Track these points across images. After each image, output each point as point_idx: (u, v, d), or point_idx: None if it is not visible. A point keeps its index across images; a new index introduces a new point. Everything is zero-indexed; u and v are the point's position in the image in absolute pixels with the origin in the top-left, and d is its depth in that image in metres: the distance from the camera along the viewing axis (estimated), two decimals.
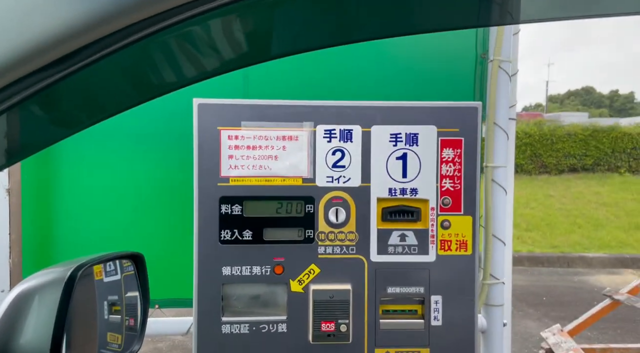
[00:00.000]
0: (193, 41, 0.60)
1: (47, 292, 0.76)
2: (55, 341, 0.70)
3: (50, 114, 0.63)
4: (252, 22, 0.61)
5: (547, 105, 42.22)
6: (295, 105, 1.46)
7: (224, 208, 1.44)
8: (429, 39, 2.08)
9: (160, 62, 0.63)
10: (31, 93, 0.53)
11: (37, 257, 1.92)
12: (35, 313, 0.74)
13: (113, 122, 1.93)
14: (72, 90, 0.58)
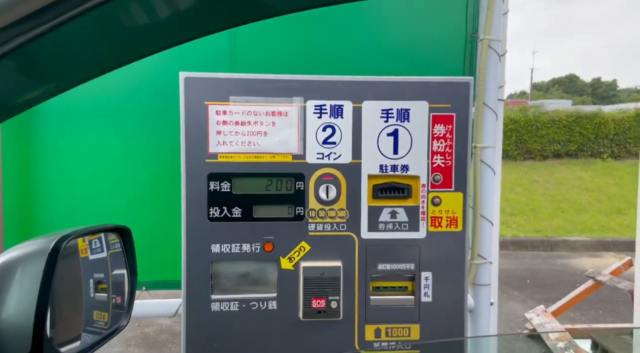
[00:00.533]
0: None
1: (30, 263, 0.73)
2: (38, 315, 0.67)
3: (25, 73, 0.60)
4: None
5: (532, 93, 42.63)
6: (285, 79, 1.43)
7: (212, 185, 1.42)
8: (419, 19, 2.06)
9: (141, 19, 0.59)
10: (6, 50, 0.50)
11: (20, 236, 1.87)
12: (17, 286, 0.71)
13: (97, 96, 1.88)
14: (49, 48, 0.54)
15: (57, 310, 0.79)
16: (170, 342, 3.90)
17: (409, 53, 2.03)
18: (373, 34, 2.02)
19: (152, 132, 1.84)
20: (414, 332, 1.49)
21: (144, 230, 1.70)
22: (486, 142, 2.05)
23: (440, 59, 2.06)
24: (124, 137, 1.85)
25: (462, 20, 2.09)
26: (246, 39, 1.86)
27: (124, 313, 1.01)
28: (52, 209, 1.88)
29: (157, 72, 1.82)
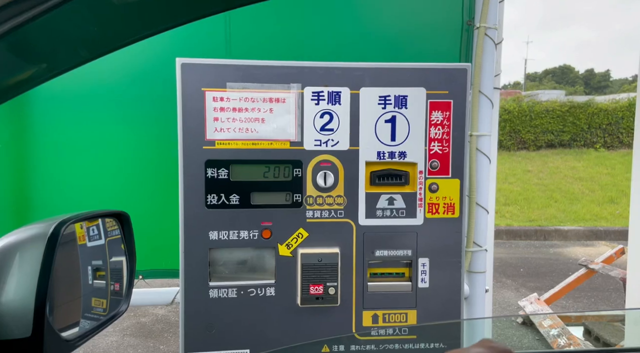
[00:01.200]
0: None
1: (29, 248, 0.72)
2: (38, 300, 0.67)
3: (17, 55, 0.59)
4: None
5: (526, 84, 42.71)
6: (282, 66, 1.42)
7: (210, 172, 1.41)
8: (415, 6, 2.05)
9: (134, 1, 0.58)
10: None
11: (15, 225, 1.86)
12: (16, 271, 0.71)
13: (93, 83, 1.86)
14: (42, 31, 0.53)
15: (55, 296, 0.78)
16: (166, 331, 3.91)
17: (406, 40, 2.02)
18: (370, 21, 2.00)
19: (148, 118, 1.83)
20: (411, 318, 1.50)
21: (140, 219, 1.70)
22: (482, 130, 2.05)
23: (437, 46, 2.05)
24: (119, 124, 1.84)
25: (458, 8, 2.08)
26: (241, 26, 1.84)
27: (122, 299, 1.01)
28: (46, 197, 1.86)
29: (153, 59, 1.80)
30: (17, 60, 0.58)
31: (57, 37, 0.58)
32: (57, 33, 0.57)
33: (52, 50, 0.60)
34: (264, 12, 1.85)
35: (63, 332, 0.77)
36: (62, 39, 0.58)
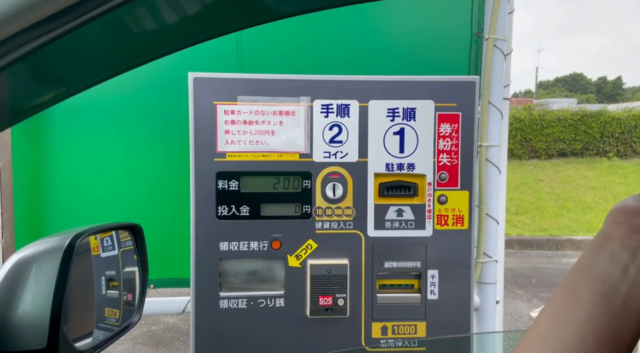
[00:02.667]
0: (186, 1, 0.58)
1: (45, 260, 0.74)
2: (54, 312, 0.69)
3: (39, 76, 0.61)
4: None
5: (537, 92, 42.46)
6: (292, 79, 1.44)
7: (220, 184, 1.43)
8: (424, 18, 2.07)
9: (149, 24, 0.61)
10: (20, 55, 0.52)
11: (30, 236, 1.89)
12: (33, 283, 0.72)
13: (106, 96, 1.90)
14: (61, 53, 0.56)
15: (70, 307, 0.80)
16: (177, 340, 3.93)
17: (415, 53, 2.04)
18: (379, 33, 2.03)
19: (160, 131, 1.86)
20: (421, 330, 1.50)
21: (152, 229, 1.72)
22: (491, 141, 2.06)
23: (446, 58, 2.07)
24: (133, 137, 1.88)
25: (467, 20, 2.10)
26: (253, 39, 1.88)
27: (134, 310, 1.03)
28: (61, 208, 1.90)
29: (165, 72, 1.84)
30: (38, 84, 0.60)
31: (76, 61, 0.60)
32: (77, 56, 0.59)
33: (71, 74, 0.62)
34: (274, 26, 1.88)
35: (77, 342, 0.79)
36: (81, 62, 0.61)
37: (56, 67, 0.59)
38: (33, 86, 0.61)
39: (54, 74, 0.60)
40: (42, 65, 0.57)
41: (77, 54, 0.58)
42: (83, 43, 0.56)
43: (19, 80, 0.59)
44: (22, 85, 0.59)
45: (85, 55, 0.59)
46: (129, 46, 0.62)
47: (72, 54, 0.57)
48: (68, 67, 0.61)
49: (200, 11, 0.62)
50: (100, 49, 0.60)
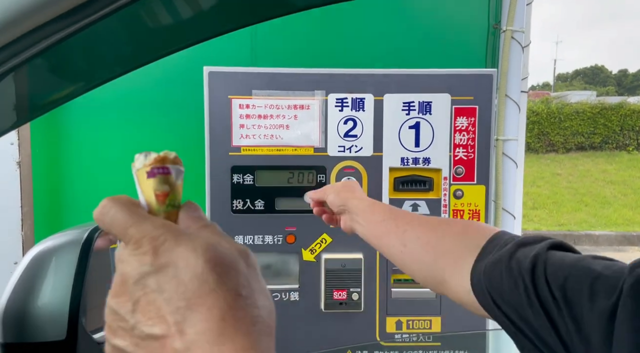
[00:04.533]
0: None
1: (64, 253, 0.75)
2: (73, 304, 0.70)
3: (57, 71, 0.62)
4: None
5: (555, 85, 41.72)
6: (306, 73, 1.44)
7: (235, 178, 1.44)
8: (440, 10, 2.04)
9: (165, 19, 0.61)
10: (38, 50, 0.52)
11: (50, 229, 1.93)
12: (52, 276, 0.74)
13: (122, 90, 1.91)
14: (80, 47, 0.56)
15: (88, 299, 0.81)
16: None
17: (431, 45, 2.02)
18: (394, 26, 2.00)
19: (176, 125, 1.87)
20: (435, 325, 1.49)
21: None
22: (508, 135, 2.03)
23: (463, 50, 2.04)
24: (149, 131, 1.89)
25: (484, 12, 2.06)
26: (267, 32, 1.87)
27: None
28: (79, 201, 1.93)
29: (179, 65, 1.84)
30: (57, 79, 0.61)
31: (94, 56, 0.61)
32: (95, 51, 0.59)
33: (89, 68, 0.63)
34: (289, 19, 1.87)
35: (95, 333, 0.80)
36: (98, 57, 0.61)
37: (74, 62, 0.59)
38: (51, 81, 0.61)
39: (72, 68, 0.61)
40: (60, 60, 0.58)
41: (94, 49, 0.58)
42: (100, 38, 0.56)
43: (38, 75, 0.59)
44: (41, 80, 0.60)
45: (102, 50, 0.59)
46: (145, 41, 0.62)
47: (90, 49, 0.57)
48: (86, 62, 0.61)
49: (215, 5, 0.62)
50: (117, 44, 0.61)
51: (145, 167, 0.37)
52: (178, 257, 0.32)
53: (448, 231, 0.75)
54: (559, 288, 0.52)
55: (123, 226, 0.34)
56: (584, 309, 0.49)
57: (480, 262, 0.64)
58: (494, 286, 0.59)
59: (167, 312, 0.31)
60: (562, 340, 0.51)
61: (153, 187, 0.37)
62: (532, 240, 0.60)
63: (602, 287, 0.48)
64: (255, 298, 0.33)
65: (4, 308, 0.65)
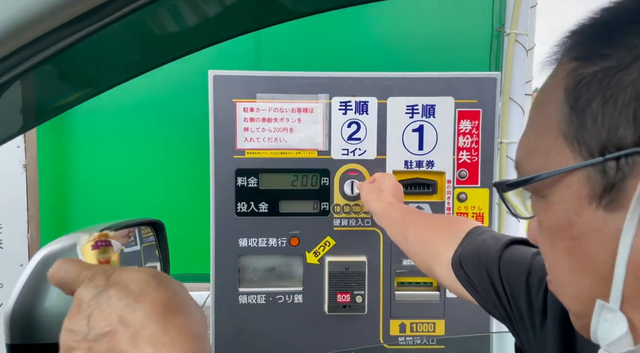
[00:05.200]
0: (203, 1, 0.59)
1: (71, 255, 0.76)
2: None
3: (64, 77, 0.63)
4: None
5: None
6: (310, 76, 1.44)
7: (240, 181, 1.45)
8: (443, 13, 2.04)
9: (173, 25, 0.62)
10: (43, 58, 0.53)
11: (56, 231, 1.95)
12: None
13: (128, 93, 1.93)
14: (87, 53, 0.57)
15: None
16: None
17: (434, 48, 2.02)
18: (398, 30, 2.01)
19: (181, 128, 1.89)
20: (439, 328, 1.49)
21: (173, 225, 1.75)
22: (512, 138, 2.03)
23: (466, 54, 2.04)
24: (154, 134, 1.91)
25: (488, 15, 2.07)
26: (271, 36, 1.88)
27: None
28: (85, 204, 1.94)
29: (183, 69, 1.86)
30: (64, 85, 0.62)
31: (101, 62, 0.62)
32: (101, 58, 0.60)
33: (95, 74, 0.64)
34: (293, 23, 1.88)
35: None
36: (105, 63, 0.62)
37: (81, 68, 0.60)
38: (58, 87, 0.62)
39: (79, 74, 0.62)
40: (67, 67, 0.59)
41: (101, 55, 0.59)
42: (107, 44, 0.57)
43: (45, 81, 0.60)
44: (48, 86, 0.61)
45: (109, 56, 0.60)
46: (152, 47, 0.63)
47: (97, 55, 0.58)
48: (92, 67, 0.62)
49: (219, 12, 0.63)
50: (123, 50, 0.62)
51: (90, 242, 0.46)
52: (126, 276, 0.39)
53: (437, 228, 0.94)
54: (508, 283, 0.65)
55: (77, 272, 0.40)
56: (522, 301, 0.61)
57: (459, 251, 0.80)
58: (470, 269, 0.75)
59: (116, 311, 0.37)
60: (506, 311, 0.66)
61: (97, 256, 0.45)
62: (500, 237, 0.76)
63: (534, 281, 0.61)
64: (190, 301, 0.40)
65: (11, 310, 0.66)
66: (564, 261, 0.40)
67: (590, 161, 0.35)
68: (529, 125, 0.43)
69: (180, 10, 0.58)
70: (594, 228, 0.36)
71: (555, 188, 0.38)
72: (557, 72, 0.40)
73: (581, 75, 0.37)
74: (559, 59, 0.41)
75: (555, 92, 0.39)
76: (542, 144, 0.40)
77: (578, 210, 0.37)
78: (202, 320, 0.40)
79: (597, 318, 0.38)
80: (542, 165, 0.39)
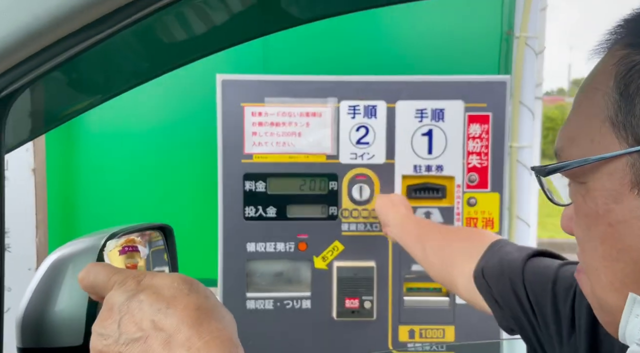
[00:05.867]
0: (211, 7, 0.59)
1: (81, 260, 0.76)
2: (90, 309, 0.70)
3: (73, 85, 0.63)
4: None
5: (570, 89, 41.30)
6: (318, 80, 1.44)
7: (248, 185, 1.44)
8: (454, 16, 2.03)
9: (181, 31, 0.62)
10: (53, 65, 0.53)
11: (64, 236, 1.95)
12: (69, 282, 0.74)
13: (137, 97, 1.94)
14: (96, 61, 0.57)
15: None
16: None
17: (443, 52, 2.01)
18: (407, 33, 2.00)
19: (189, 132, 1.89)
20: (449, 334, 1.47)
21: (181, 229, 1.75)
22: (522, 142, 2.01)
23: (476, 57, 2.03)
24: (162, 139, 1.91)
25: (497, 18, 2.06)
26: (279, 40, 1.88)
27: None
28: (93, 208, 1.95)
29: (191, 73, 1.86)
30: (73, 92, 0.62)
31: (110, 69, 0.62)
32: (111, 65, 0.60)
33: (104, 81, 0.64)
34: (300, 27, 1.88)
35: None
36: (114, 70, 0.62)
37: (90, 75, 0.60)
38: (68, 94, 0.62)
39: (88, 82, 0.62)
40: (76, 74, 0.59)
41: (110, 63, 0.59)
42: (116, 52, 0.57)
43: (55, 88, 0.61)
44: (58, 93, 0.61)
45: (118, 63, 0.60)
46: (160, 53, 0.63)
47: (106, 62, 0.58)
48: (102, 75, 0.62)
49: (227, 19, 0.63)
50: (132, 56, 0.62)
51: (118, 247, 0.46)
52: (157, 280, 0.39)
53: (456, 240, 0.94)
54: (532, 292, 0.65)
55: (107, 276, 0.41)
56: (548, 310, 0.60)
57: (482, 263, 0.79)
58: (492, 280, 0.74)
59: (148, 316, 0.37)
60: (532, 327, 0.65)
61: (124, 261, 0.46)
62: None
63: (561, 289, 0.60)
64: (222, 308, 0.41)
65: (22, 314, 0.66)
66: (599, 248, 0.40)
67: (637, 148, 0.35)
68: (573, 112, 0.43)
69: (188, 17, 0.58)
70: (634, 215, 0.36)
71: (597, 175, 0.38)
72: (607, 60, 0.40)
73: (633, 62, 0.37)
74: (609, 47, 0.40)
75: (604, 79, 0.39)
76: (587, 130, 0.40)
77: (618, 197, 0.37)
78: (233, 325, 0.40)
79: (628, 312, 0.37)
80: (585, 151, 0.39)
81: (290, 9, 0.71)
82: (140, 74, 0.65)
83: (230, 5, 0.61)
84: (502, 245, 0.80)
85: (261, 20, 0.68)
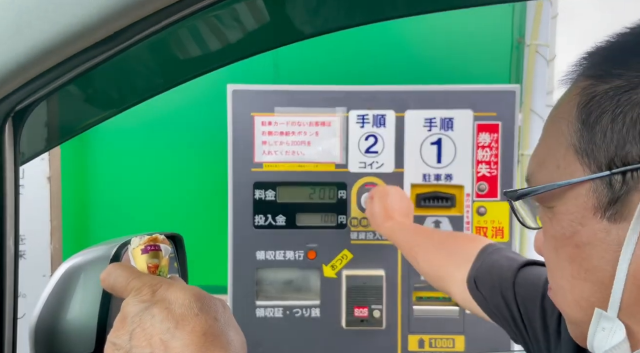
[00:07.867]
0: (223, 23, 0.60)
1: (93, 268, 0.77)
2: (102, 316, 0.72)
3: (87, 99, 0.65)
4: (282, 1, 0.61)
5: None
6: (328, 90, 1.45)
7: (257, 194, 1.46)
8: (464, 24, 2.04)
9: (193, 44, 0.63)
10: (67, 80, 0.55)
11: (77, 243, 1.98)
12: (81, 290, 0.76)
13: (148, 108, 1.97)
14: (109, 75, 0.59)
15: (114, 313, 0.83)
16: None
17: (453, 61, 2.01)
18: (416, 42, 2.01)
19: (200, 142, 1.92)
20: (459, 344, 1.46)
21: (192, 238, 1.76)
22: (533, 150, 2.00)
23: (486, 65, 2.03)
24: (174, 148, 1.94)
25: (508, 26, 2.06)
26: (289, 50, 1.90)
27: None
28: (107, 216, 1.98)
29: (202, 83, 1.89)
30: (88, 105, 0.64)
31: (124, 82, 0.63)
32: (125, 78, 0.62)
33: (119, 94, 0.65)
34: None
35: None
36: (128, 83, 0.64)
37: (104, 89, 0.62)
38: (82, 107, 0.64)
39: (102, 95, 0.64)
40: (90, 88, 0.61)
41: (123, 77, 0.61)
42: (128, 66, 0.59)
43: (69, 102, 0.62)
44: (72, 106, 0.63)
45: (130, 77, 0.62)
46: (173, 67, 0.65)
47: (119, 76, 0.60)
48: (115, 88, 0.64)
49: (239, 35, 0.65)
50: (144, 71, 0.63)
51: (141, 245, 0.46)
52: (170, 294, 0.41)
53: (446, 248, 0.98)
54: (524, 307, 0.67)
55: (126, 280, 0.43)
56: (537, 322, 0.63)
57: (472, 273, 0.81)
58: (487, 293, 0.77)
59: (157, 333, 0.38)
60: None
61: (146, 260, 0.46)
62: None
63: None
64: (230, 329, 0.42)
65: (36, 321, 0.67)
66: (566, 268, 0.41)
67: (598, 174, 0.37)
68: (542, 139, 0.45)
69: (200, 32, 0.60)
70: (597, 238, 0.38)
71: (563, 199, 0.40)
72: (571, 90, 0.42)
73: (594, 93, 0.39)
74: (574, 78, 0.43)
75: (568, 108, 0.41)
76: (553, 157, 0.42)
77: (583, 220, 0.39)
78: (241, 349, 0.42)
79: (594, 326, 0.39)
80: (552, 176, 0.41)
81: (302, 25, 0.72)
82: (152, 87, 0.67)
83: (243, 22, 0.63)
84: (491, 251, 0.82)
85: (275, 33, 0.70)
